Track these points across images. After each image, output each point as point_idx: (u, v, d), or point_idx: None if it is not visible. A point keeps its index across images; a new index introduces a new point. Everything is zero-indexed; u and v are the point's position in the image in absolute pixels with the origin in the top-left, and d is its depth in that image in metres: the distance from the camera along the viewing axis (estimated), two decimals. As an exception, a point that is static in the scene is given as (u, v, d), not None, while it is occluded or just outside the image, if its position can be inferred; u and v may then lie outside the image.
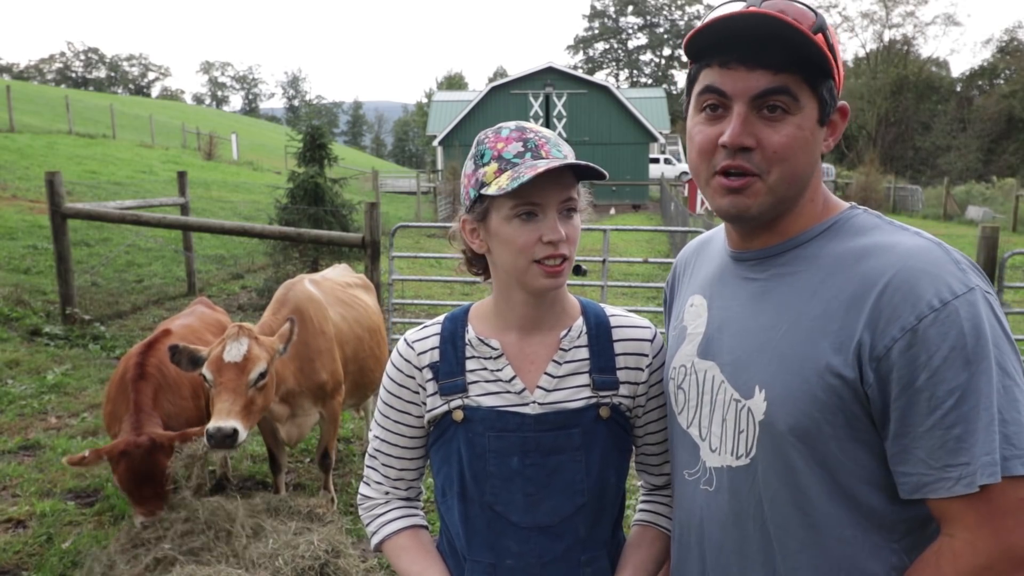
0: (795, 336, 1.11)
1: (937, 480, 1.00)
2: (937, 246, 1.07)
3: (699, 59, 1.16)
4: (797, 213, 1.18)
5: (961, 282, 1.01)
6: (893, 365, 1.01)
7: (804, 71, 1.09)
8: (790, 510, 1.12)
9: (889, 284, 1.03)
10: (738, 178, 1.12)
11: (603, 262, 7.04)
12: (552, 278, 1.28)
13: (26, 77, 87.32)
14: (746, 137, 1.10)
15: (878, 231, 1.13)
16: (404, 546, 1.44)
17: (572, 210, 1.29)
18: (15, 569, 3.46)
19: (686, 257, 1.48)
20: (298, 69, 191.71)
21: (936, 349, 0.98)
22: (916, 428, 1.01)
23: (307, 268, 9.12)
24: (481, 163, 1.29)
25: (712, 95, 1.13)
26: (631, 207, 31.21)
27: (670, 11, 79.09)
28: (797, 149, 1.11)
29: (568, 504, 1.34)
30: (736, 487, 1.18)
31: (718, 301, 1.27)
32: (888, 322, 1.02)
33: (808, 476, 1.10)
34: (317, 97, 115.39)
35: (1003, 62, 49.93)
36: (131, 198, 11.46)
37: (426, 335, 1.42)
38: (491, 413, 1.33)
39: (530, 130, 1.30)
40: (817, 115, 1.12)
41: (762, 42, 1.08)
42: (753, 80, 1.09)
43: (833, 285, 1.09)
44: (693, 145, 1.18)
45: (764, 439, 1.13)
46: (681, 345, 1.33)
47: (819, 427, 1.08)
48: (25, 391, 5.71)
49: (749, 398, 1.16)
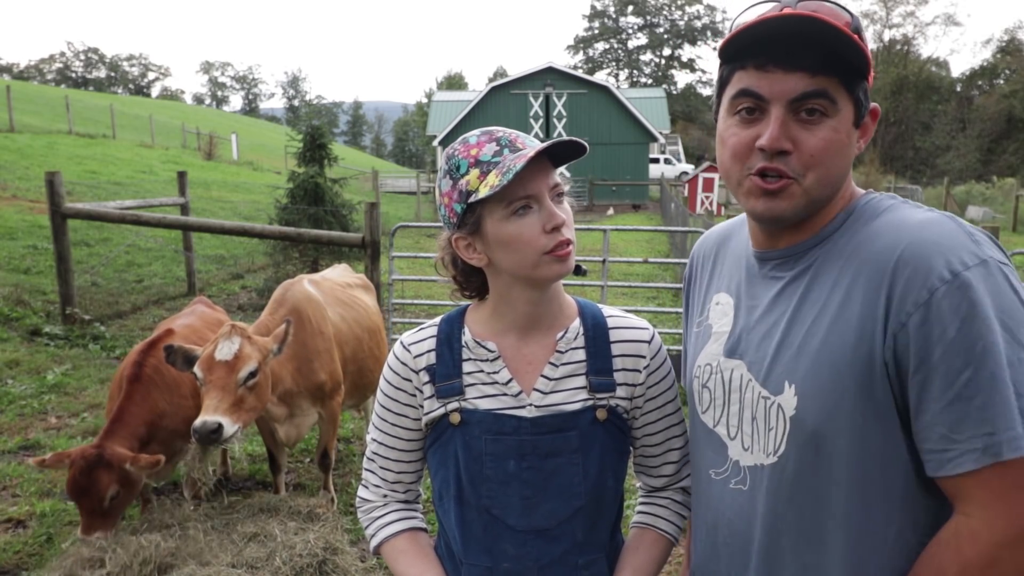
0: (821, 328, 1.10)
1: (961, 454, 0.98)
2: (949, 219, 1.06)
3: (733, 61, 1.14)
4: (825, 213, 1.17)
5: (973, 254, 1.00)
6: (909, 340, 1.00)
7: (841, 73, 1.08)
8: (822, 504, 1.11)
9: (900, 259, 1.02)
10: (775, 180, 1.11)
11: (603, 262, 7.03)
12: (563, 262, 1.27)
13: (26, 77, 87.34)
14: (784, 141, 1.08)
15: (890, 210, 1.13)
16: (402, 549, 1.43)
17: (562, 195, 1.29)
18: (15, 569, 3.46)
19: (704, 250, 1.45)
20: (298, 69, 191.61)
21: (949, 322, 0.97)
22: (936, 403, 0.99)
23: (307, 268, 9.12)
24: (459, 175, 1.26)
25: (748, 98, 1.11)
26: (631, 207, 31.19)
27: (670, 11, 79.04)
28: (834, 152, 1.10)
29: (565, 507, 1.33)
30: (771, 484, 1.17)
31: (746, 300, 1.26)
32: (902, 298, 1.01)
33: (840, 469, 1.09)
34: (317, 97, 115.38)
35: (1003, 62, 49.93)
36: (131, 198, 11.47)
37: (422, 337, 1.41)
38: (488, 416, 1.33)
39: (498, 130, 1.28)
40: (853, 117, 1.11)
41: (801, 44, 1.06)
42: (791, 83, 1.07)
43: (851, 271, 1.09)
44: (726, 148, 1.16)
45: (795, 434, 1.12)
46: (706, 344, 1.32)
47: (851, 418, 1.07)
48: (25, 391, 5.71)
49: (779, 394, 1.15)
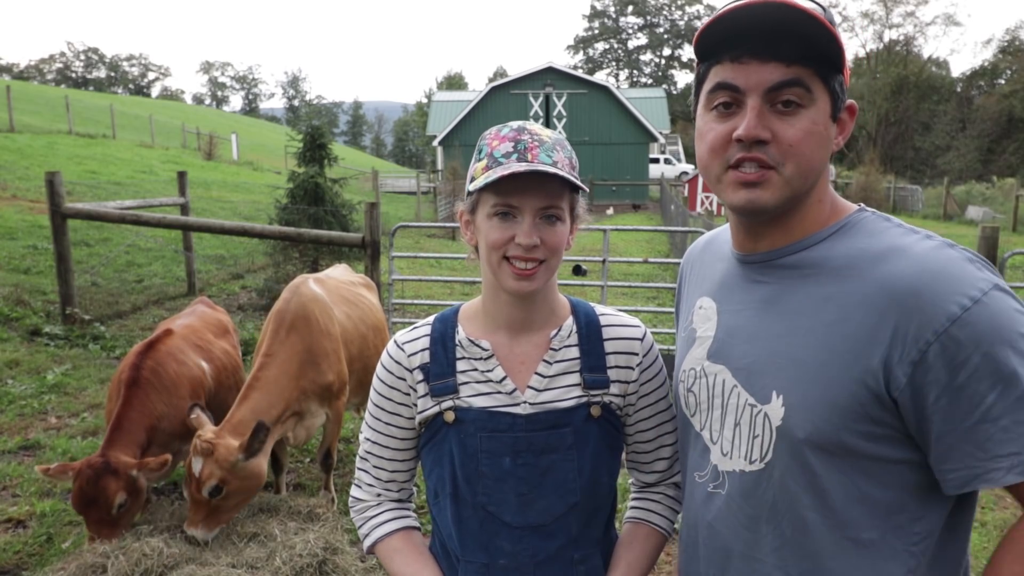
0: (812, 342, 1.10)
1: (989, 471, 1.01)
2: (950, 247, 1.08)
3: (708, 57, 1.15)
4: (804, 213, 1.17)
5: (984, 279, 1.03)
6: (930, 369, 1.01)
7: (816, 64, 1.08)
8: (808, 514, 1.12)
9: (911, 288, 1.03)
10: (755, 170, 1.11)
11: (603, 262, 7.03)
12: (521, 280, 1.28)
13: (26, 77, 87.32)
14: (762, 130, 1.09)
15: (889, 234, 1.12)
16: (397, 548, 1.43)
17: (554, 217, 1.28)
18: (15, 569, 3.45)
19: (692, 257, 1.47)
20: (298, 69, 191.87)
21: (973, 348, 0.99)
22: (961, 424, 1.01)
23: (307, 268, 9.11)
24: (478, 158, 1.31)
25: (724, 92, 1.12)
26: (631, 207, 31.20)
27: (670, 11, 79.09)
28: (812, 143, 1.10)
29: (560, 503, 1.34)
30: (749, 491, 1.18)
31: (727, 304, 1.27)
32: (920, 327, 1.02)
33: (827, 480, 1.10)
34: (317, 97, 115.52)
35: (1004, 62, 49.92)
36: (131, 198, 11.46)
37: (416, 336, 1.42)
38: (482, 414, 1.33)
39: (528, 131, 1.29)
40: (830, 109, 1.11)
41: (774, 33, 1.07)
42: (767, 73, 1.08)
43: (849, 290, 1.09)
44: (704, 143, 1.16)
45: (781, 444, 1.13)
46: (691, 348, 1.33)
47: (839, 433, 1.08)
48: (25, 391, 5.71)
49: (766, 403, 1.15)
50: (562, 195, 1.28)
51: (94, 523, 3.20)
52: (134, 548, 3.14)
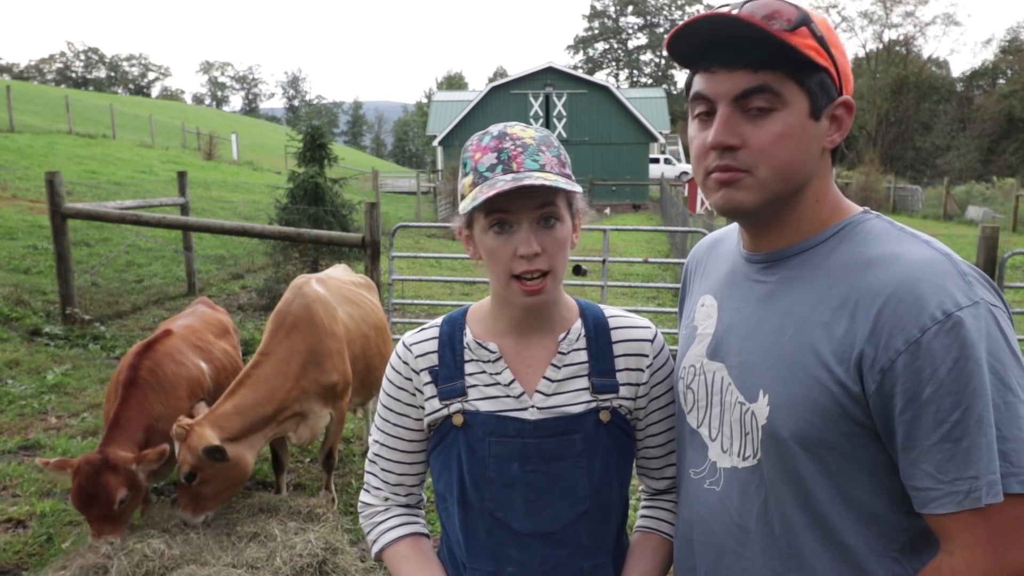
0: (799, 342, 1.11)
1: (945, 495, 0.99)
2: (945, 258, 1.06)
3: (688, 67, 1.18)
4: (801, 214, 1.17)
5: (965, 295, 1.00)
6: (898, 378, 1.01)
7: (786, 66, 1.08)
8: (795, 513, 1.12)
9: (892, 295, 1.02)
10: (727, 173, 1.13)
11: (603, 262, 7.03)
12: (531, 296, 1.26)
13: (26, 77, 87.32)
14: (729, 136, 1.10)
15: (887, 239, 1.12)
16: (404, 555, 1.40)
17: (552, 218, 1.25)
18: (15, 569, 3.45)
19: (698, 255, 1.47)
20: (298, 69, 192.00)
21: (941, 362, 0.98)
22: (923, 441, 1.00)
23: (307, 268, 9.11)
24: (464, 172, 1.28)
25: (700, 101, 1.15)
26: (631, 207, 31.20)
27: (670, 11, 79.06)
28: (786, 145, 1.10)
29: (570, 511, 1.32)
30: (743, 487, 1.18)
31: (728, 302, 1.27)
32: (891, 334, 1.01)
33: (812, 481, 1.10)
34: (317, 97, 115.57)
35: (1004, 62, 49.92)
36: (131, 198, 11.46)
37: (424, 338, 1.40)
38: (491, 418, 1.32)
39: (510, 137, 1.25)
40: (808, 109, 1.10)
41: (734, 43, 1.08)
42: (732, 81, 1.10)
43: (839, 293, 1.09)
44: (692, 151, 1.20)
45: (768, 443, 1.14)
46: (691, 345, 1.33)
47: (821, 434, 1.08)
48: (25, 391, 5.71)
49: (753, 402, 1.16)
50: (556, 195, 1.26)
51: (96, 520, 3.19)
52: (136, 549, 3.13)
